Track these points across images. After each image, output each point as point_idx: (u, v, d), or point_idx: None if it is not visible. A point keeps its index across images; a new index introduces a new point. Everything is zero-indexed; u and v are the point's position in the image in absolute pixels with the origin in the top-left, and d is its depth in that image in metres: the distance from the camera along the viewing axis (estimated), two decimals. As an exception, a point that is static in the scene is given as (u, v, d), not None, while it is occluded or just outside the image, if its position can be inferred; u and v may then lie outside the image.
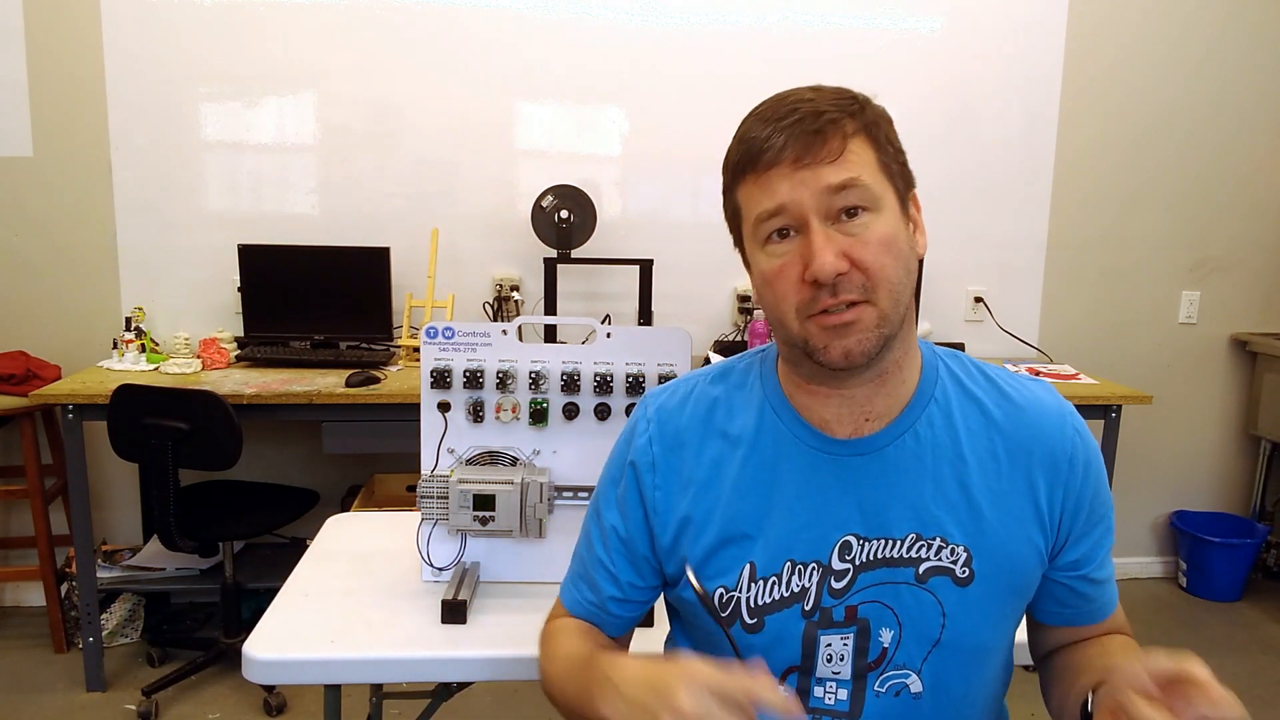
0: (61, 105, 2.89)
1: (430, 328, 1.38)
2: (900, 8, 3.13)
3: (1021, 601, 0.96)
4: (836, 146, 0.83)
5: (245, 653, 1.20)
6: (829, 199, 0.82)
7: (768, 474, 0.93)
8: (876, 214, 0.84)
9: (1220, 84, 3.29)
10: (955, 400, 0.94)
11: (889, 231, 0.84)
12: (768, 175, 0.84)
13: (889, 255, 0.84)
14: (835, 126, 0.83)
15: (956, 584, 0.90)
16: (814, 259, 0.82)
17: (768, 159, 0.83)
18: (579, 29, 3.03)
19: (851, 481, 0.91)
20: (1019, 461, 0.93)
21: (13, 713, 2.48)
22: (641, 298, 2.89)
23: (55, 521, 2.88)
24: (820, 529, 0.91)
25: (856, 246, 0.83)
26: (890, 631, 0.91)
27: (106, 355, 2.85)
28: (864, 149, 0.84)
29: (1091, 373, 3.13)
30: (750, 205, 0.87)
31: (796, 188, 0.82)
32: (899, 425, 0.92)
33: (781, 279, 0.85)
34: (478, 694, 2.55)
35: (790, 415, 0.94)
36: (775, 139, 0.83)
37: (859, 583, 0.91)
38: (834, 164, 0.82)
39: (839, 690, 0.93)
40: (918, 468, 0.91)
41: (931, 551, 0.90)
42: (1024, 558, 0.92)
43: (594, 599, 1.02)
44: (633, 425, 1.01)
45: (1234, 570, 3.30)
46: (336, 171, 3.02)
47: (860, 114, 0.85)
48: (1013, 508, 0.92)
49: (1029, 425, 0.94)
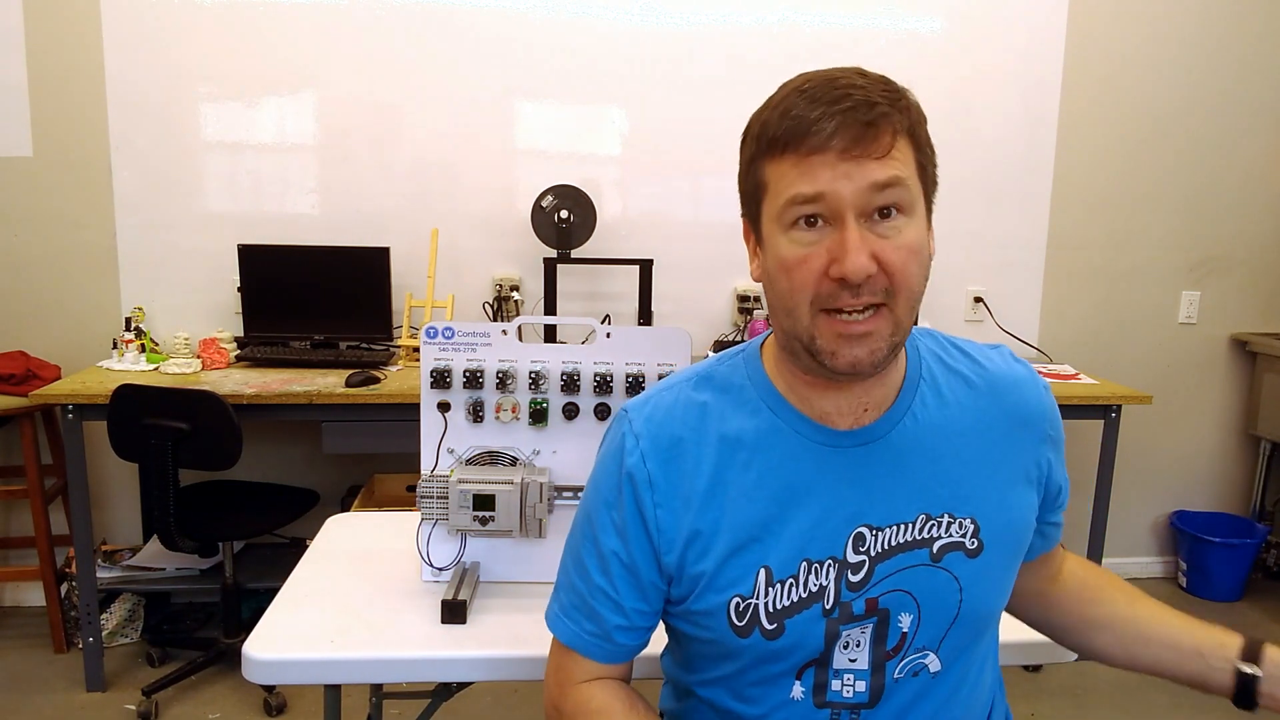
0: (61, 105, 2.89)
1: (430, 328, 1.38)
2: (900, 8, 3.13)
3: (1019, 561, 0.98)
4: (886, 143, 0.80)
5: (245, 653, 1.20)
6: (869, 196, 0.80)
7: (774, 474, 0.91)
8: (909, 218, 0.82)
9: (1220, 84, 3.29)
10: (941, 377, 0.95)
11: (918, 238, 0.83)
12: (810, 160, 0.80)
13: (915, 262, 0.82)
14: (886, 121, 0.80)
15: (968, 556, 0.91)
16: (846, 258, 0.79)
17: (814, 143, 0.79)
18: (579, 29, 3.03)
19: (859, 472, 0.91)
20: (1006, 427, 0.95)
21: (13, 713, 2.48)
22: (641, 298, 2.89)
23: (55, 521, 2.88)
24: (833, 524, 0.90)
25: (887, 249, 0.80)
26: (909, 616, 0.91)
27: (106, 355, 2.85)
28: (907, 148, 0.82)
29: (1091, 373, 3.13)
30: (782, 184, 0.82)
31: (839, 179, 0.79)
32: (897, 410, 0.92)
33: (803, 268, 0.82)
34: (478, 694, 2.55)
35: (790, 412, 0.92)
36: (825, 123, 0.79)
37: (876, 574, 0.90)
38: (880, 160, 0.79)
39: (857, 682, 0.92)
40: (919, 449, 0.92)
41: (942, 529, 0.91)
42: (1022, 519, 0.96)
43: (596, 630, 0.96)
44: (618, 442, 0.94)
45: (1234, 570, 3.30)
46: (336, 171, 3.02)
47: (907, 111, 0.82)
48: (1008, 472, 0.94)
49: (1009, 391, 0.96)
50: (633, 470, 0.92)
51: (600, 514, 0.95)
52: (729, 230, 3.16)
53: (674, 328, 1.40)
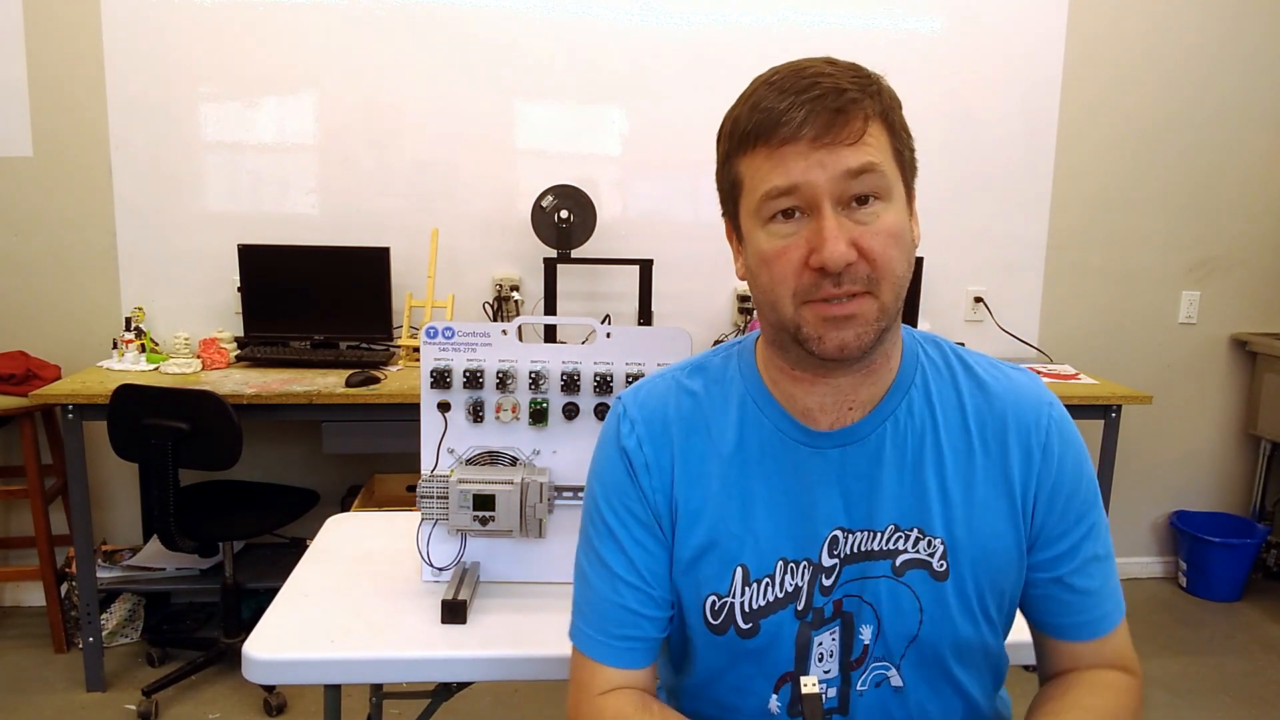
0: (61, 105, 2.89)
1: (430, 328, 1.38)
2: (900, 8, 3.13)
3: (1003, 600, 0.92)
4: (858, 128, 0.78)
5: (245, 653, 1.20)
6: (844, 183, 0.79)
7: (752, 472, 0.91)
8: (887, 203, 0.81)
9: (1220, 84, 3.29)
10: (934, 386, 0.92)
11: (898, 222, 0.81)
12: (782, 151, 0.79)
13: (896, 247, 0.81)
14: (857, 107, 0.79)
15: (934, 578, 0.89)
16: (824, 246, 0.78)
17: (784, 133, 0.78)
18: (579, 29, 3.03)
19: (836, 473, 0.89)
20: (993, 450, 0.90)
21: (13, 713, 2.48)
22: (641, 298, 2.89)
23: (55, 521, 2.88)
24: (809, 525, 0.89)
25: (866, 236, 0.79)
26: (869, 628, 0.90)
27: (106, 355, 2.85)
28: (881, 133, 0.81)
29: (1091, 373, 3.13)
30: (757, 179, 0.81)
31: (813, 168, 0.78)
32: (880, 413, 0.90)
33: (782, 260, 0.81)
34: (478, 694, 2.55)
35: (773, 408, 0.91)
36: (794, 113, 0.78)
37: (843, 575, 0.89)
38: (853, 146, 0.78)
39: (828, 689, 0.92)
40: (898, 456, 0.89)
41: (909, 543, 0.89)
42: (1000, 551, 0.90)
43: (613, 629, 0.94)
44: (614, 426, 0.96)
45: (1234, 570, 3.30)
46: (336, 171, 3.02)
47: (878, 96, 0.81)
48: (988, 498, 0.89)
49: (1004, 413, 0.91)
50: (630, 452, 0.93)
51: (604, 498, 0.95)
52: (729, 230, 3.16)
53: (674, 328, 1.40)
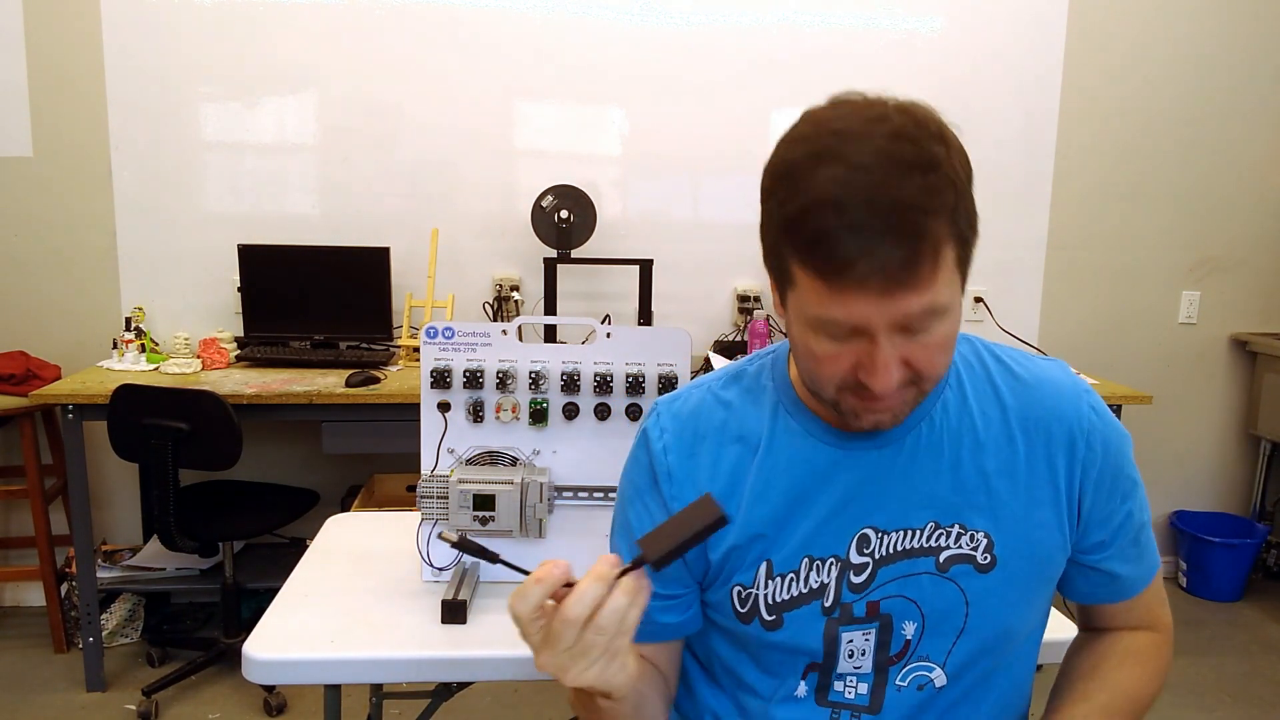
0: (61, 105, 2.89)
1: (430, 328, 1.38)
2: (900, 8, 3.13)
3: (1047, 586, 0.94)
4: (927, 273, 0.73)
5: (245, 653, 1.20)
6: (906, 321, 0.76)
7: (783, 475, 0.91)
8: (944, 317, 0.78)
9: (1220, 84, 3.29)
10: (969, 384, 0.92)
11: (952, 330, 0.79)
12: (845, 294, 0.74)
13: (946, 354, 0.80)
14: (926, 242, 0.72)
15: (978, 570, 0.89)
16: (875, 376, 0.77)
17: (850, 277, 0.72)
18: (579, 29, 3.03)
19: (869, 474, 0.90)
20: (1036, 443, 0.91)
21: (13, 713, 2.48)
22: (641, 298, 2.89)
23: (55, 521, 2.88)
24: (838, 524, 0.90)
25: (917, 351, 0.78)
26: (913, 624, 0.90)
27: (106, 355, 2.85)
28: (950, 254, 0.75)
29: (1091, 373, 3.13)
30: (812, 297, 0.76)
31: (876, 314, 0.74)
32: (915, 414, 0.89)
33: (829, 364, 0.80)
34: (478, 694, 2.55)
35: (804, 413, 0.92)
36: (863, 264, 0.71)
37: (879, 577, 0.90)
38: (920, 292, 0.74)
39: (859, 684, 0.92)
40: (934, 455, 0.90)
41: (951, 539, 0.89)
42: (1046, 540, 0.91)
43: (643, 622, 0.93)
44: (645, 433, 0.97)
45: (1234, 570, 3.30)
46: (336, 171, 3.02)
47: (956, 207, 0.74)
48: (1032, 490, 0.90)
49: (1044, 405, 0.91)
50: (655, 461, 0.95)
51: (632, 501, 0.98)
52: (729, 230, 3.16)
53: (674, 328, 1.40)
